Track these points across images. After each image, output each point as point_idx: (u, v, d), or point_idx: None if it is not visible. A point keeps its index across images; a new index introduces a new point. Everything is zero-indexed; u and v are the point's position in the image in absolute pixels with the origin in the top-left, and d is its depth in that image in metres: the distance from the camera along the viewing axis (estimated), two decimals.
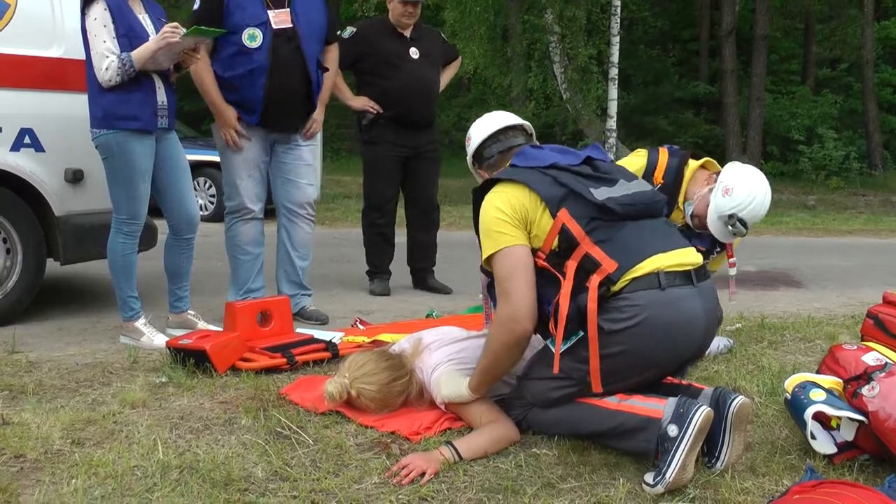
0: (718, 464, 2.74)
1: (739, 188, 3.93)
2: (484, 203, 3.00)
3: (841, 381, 3.02)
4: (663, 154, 4.19)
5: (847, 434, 2.79)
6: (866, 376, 2.88)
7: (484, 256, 2.94)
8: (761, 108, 19.55)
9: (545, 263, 2.85)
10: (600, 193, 2.86)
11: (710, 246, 4.21)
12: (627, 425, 2.73)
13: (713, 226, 4.01)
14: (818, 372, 3.27)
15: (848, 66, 24.03)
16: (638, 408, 2.74)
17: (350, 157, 23.16)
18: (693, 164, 4.20)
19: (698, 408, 2.61)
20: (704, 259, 3.47)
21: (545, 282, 2.85)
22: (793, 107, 21.93)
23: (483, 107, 20.67)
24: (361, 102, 5.87)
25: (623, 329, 2.72)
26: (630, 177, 3.05)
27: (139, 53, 4.03)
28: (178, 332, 4.40)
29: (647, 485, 2.58)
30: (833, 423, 2.83)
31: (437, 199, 6.23)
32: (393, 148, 5.88)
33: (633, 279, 2.75)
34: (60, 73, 4.67)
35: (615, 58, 15.25)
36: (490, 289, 3.09)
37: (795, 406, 2.90)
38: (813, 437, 2.82)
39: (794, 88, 23.42)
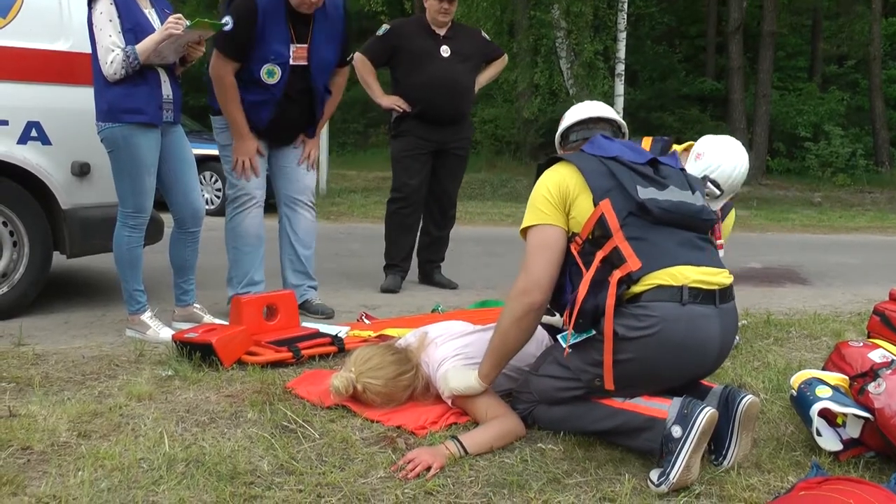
0: (725, 462, 2.74)
1: (710, 152, 4.07)
2: (539, 179, 3.03)
3: (847, 377, 3.02)
4: (646, 141, 4.25)
5: (853, 431, 2.79)
6: (872, 373, 2.88)
7: (521, 227, 2.98)
8: (768, 105, 19.49)
9: (577, 253, 2.86)
10: (645, 193, 2.85)
11: None
12: (631, 424, 2.74)
13: (713, 205, 4.02)
14: (824, 369, 3.27)
15: (855, 62, 23.97)
16: (642, 407, 2.75)
17: (355, 152, 23.23)
18: (677, 147, 4.25)
19: (702, 409, 2.61)
20: None
21: (572, 271, 2.87)
22: (799, 103, 21.88)
23: (488, 102, 20.70)
24: (390, 101, 5.90)
25: (636, 338, 2.70)
26: (686, 186, 3.00)
27: (143, 46, 4.04)
28: (184, 326, 4.40)
29: (652, 483, 2.58)
30: (839, 420, 2.83)
31: (456, 196, 6.24)
32: (418, 141, 5.89)
33: (657, 287, 2.73)
34: (67, 66, 4.66)
35: (622, 53, 15.22)
36: None
37: (801, 403, 2.90)
38: (819, 433, 2.82)
39: (801, 85, 23.36)
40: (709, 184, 4.01)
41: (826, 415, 2.82)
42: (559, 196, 2.90)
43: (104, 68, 4.08)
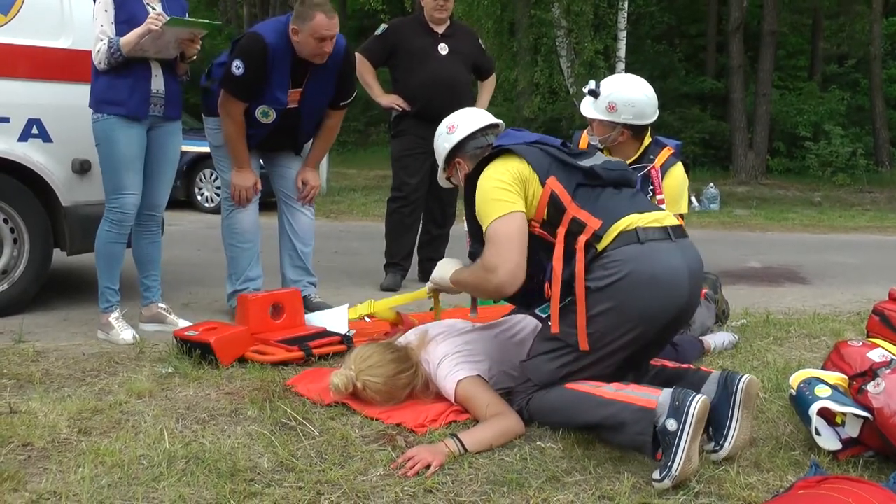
0: (726, 444, 2.76)
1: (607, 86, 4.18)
2: (483, 176, 3.08)
3: (846, 377, 3.03)
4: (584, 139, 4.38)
5: (852, 430, 2.79)
6: (871, 373, 2.89)
7: (485, 225, 3.02)
8: (768, 104, 19.45)
9: (541, 231, 3.00)
10: (585, 162, 3.08)
11: (640, 187, 4.36)
12: (622, 415, 2.74)
13: (586, 111, 4.19)
14: (823, 368, 3.28)
15: (855, 62, 23.96)
16: (633, 397, 2.76)
17: (356, 151, 23.20)
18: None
19: (693, 398, 2.62)
20: None
21: (542, 249, 2.99)
22: (800, 103, 21.85)
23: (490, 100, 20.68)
24: (389, 100, 5.92)
25: (609, 285, 2.82)
26: (597, 152, 3.28)
27: (126, 39, 4.05)
28: (150, 327, 4.46)
29: (656, 481, 2.57)
30: (838, 420, 2.84)
31: (456, 194, 6.25)
32: (418, 140, 5.84)
33: (615, 237, 2.89)
34: (68, 63, 4.67)
35: (622, 52, 15.23)
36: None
37: (800, 402, 2.90)
38: (818, 433, 2.82)
39: (802, 84, 23.34)
40: (588, 94, 4.15)
41: (825, 414, 2.82)
42: (514, 182, 3.00)
43: (93, 56, 4.12)
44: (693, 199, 14.30)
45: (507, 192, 2.99)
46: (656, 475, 2.58)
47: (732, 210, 14.01)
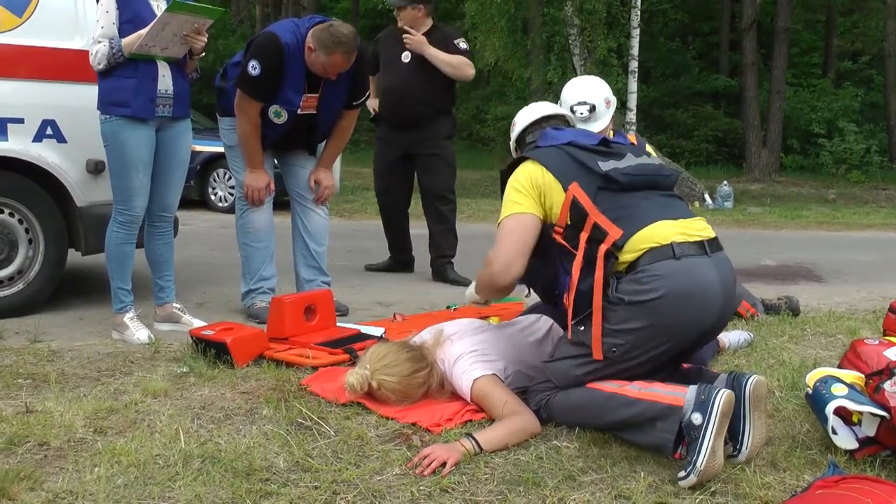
0: (744, 448, 2.73)
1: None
2: (510, 178, 3.18)
3: (863, 375, 3.01)
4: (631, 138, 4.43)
5: (868, 429, 2.78)
6: (888, 371, 2.87)
7: (499, 221, 3.17)
8: (781, 102, 19.42)
9: (562, 240, 3.02)
10: (606, 165, 3.04)
11: None
12: (648, 413, 2.73)
13: (598, 128, 4.18)
14: (839, 366, 3.26)
15: (869, 58, 23.88)
16: (659, 395, 2.75)
17: (368, 150, 23.20)
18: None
19: (718, 392, 2.61)
20: None
21: (562, 259, 3.04)
22: (813, 100, 21.81)
23: (501, 99, 20.66)
24: (370, 103, 6.22)
25: (643, 302, 2.80)
26: (640, 153, 3.20)
27: (128, 40, 4.03)
28: (164, 327, 4.45)
29: (681, 479, 2.55)
30: (854, 419, 2.82)
31: (447, 192, 6.30)
32: (386, 144, 6.37)
33: (649, 251, 2.86)
34: (82, 64, 4.64)
35: (635, 51, 15.19)
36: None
37: (817, 401, 2.89)
38: (834, 432, 2.81)
39: (815, 81, 23.29)
40: (583, 108, 4.21)
41: (842, 413, 2.81)
42: (532, 187, 3.08)
43: (90, 59, 4.12)
44: (707, 196, 14.27)
45: (520, 195, 3.09)
46: (681, 474, 2.57)
47: (746, 208, 13.96)
